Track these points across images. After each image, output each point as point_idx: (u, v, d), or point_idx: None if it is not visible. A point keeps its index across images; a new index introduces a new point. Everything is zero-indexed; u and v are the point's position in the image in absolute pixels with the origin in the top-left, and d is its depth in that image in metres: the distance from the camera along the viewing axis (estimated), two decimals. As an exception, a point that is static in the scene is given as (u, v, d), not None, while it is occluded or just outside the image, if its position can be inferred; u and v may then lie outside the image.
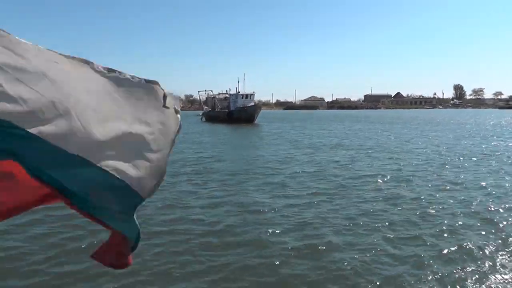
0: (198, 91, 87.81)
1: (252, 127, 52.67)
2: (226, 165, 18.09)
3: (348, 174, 15.45)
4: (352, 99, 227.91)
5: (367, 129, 45.75)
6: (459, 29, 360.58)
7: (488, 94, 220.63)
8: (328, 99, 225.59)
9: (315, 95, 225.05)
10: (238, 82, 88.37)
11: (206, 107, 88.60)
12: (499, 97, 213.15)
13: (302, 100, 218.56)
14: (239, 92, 68.23)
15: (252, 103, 66.28)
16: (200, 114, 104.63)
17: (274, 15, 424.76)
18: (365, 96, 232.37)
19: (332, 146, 26.68)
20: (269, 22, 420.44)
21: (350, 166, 17.58)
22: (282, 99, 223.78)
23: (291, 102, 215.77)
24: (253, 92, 68.49)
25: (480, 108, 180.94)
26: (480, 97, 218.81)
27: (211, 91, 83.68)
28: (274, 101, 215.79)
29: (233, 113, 63.59)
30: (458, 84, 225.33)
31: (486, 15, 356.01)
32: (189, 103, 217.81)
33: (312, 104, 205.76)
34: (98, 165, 1.45)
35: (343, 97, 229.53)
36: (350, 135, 36.81)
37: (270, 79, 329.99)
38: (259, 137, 36.43)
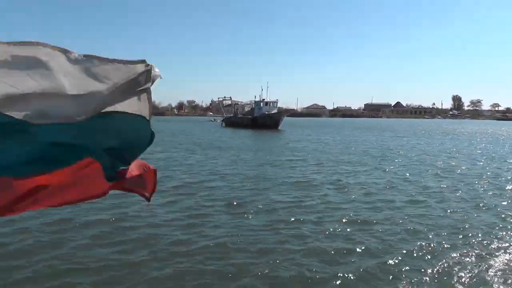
0: (218, 98, 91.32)
1: (280, 133, 54.07)
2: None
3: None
4: (352, 108, 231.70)
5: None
6: (458, 40, 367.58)
7: (485, 106, 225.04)
8: (329, 107, 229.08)
9: (316, 103, 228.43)
10: (262, 90, 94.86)
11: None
12: (496, 108, 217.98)
13: (304, 108, 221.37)
14: (263, 99, 70.70)
15: (275, 110, 68.60)
16: (213, 120, 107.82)
17: (275, 27, 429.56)
18: (365, 104, 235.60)
19: None
20: (269, 31, 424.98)
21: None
22: (284, 106, 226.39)
23: (293, 109, 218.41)
24: (277, 99, 71.24)
25: (478, 119, 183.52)
26: (477, 108, 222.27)
27: (230, 97, 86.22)
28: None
29: (257, 119, 65.74)
30: (457, 95, 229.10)
31: (484, 28, 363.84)
32: (192, 108, 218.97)
33: (315, 111, 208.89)
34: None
35: (344, 105, 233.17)
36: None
37: (271, 87, 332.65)
38: (304, 143, 37.41)
